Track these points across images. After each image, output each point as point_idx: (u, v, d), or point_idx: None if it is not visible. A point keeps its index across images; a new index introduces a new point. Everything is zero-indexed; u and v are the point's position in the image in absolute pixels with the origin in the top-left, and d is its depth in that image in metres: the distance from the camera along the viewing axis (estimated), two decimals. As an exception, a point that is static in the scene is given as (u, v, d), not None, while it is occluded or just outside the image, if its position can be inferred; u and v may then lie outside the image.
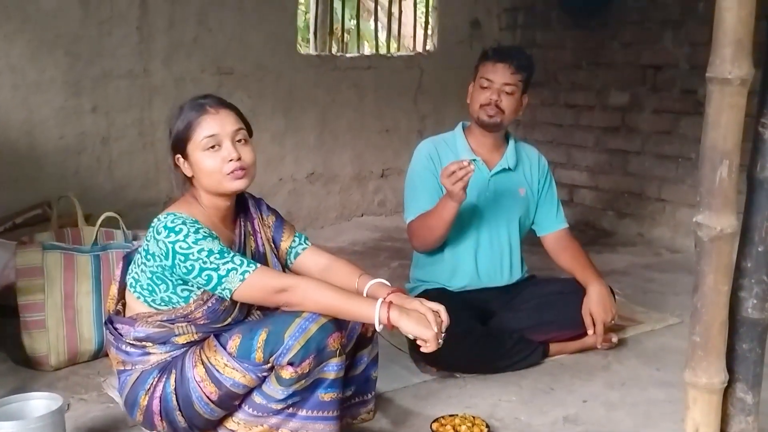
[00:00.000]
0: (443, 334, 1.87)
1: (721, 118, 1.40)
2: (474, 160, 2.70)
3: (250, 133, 1.99)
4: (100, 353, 2.61)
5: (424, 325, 1.84)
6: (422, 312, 1.86)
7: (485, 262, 2.75)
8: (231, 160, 1.90)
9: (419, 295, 2.63)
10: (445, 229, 2.55)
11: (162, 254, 1.86)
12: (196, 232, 1.85)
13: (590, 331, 2.63)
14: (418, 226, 2.62)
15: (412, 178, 2.73)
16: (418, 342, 1.87)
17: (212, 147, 1.90)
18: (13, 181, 3.47)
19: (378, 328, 1.86)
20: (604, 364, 2.66)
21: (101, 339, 2.58)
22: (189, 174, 1.96)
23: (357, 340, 2.06)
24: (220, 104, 1.96)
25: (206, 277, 1.84)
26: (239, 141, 1.94)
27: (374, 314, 1.83)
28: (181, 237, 1.84)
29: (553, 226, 2.83)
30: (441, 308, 1.90)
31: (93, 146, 3.74)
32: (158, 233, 1.87)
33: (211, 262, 1.83)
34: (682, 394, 1.55)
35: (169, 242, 1.84)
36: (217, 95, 2.03)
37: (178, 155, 1.95)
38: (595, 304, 2.61)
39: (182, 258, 1.84)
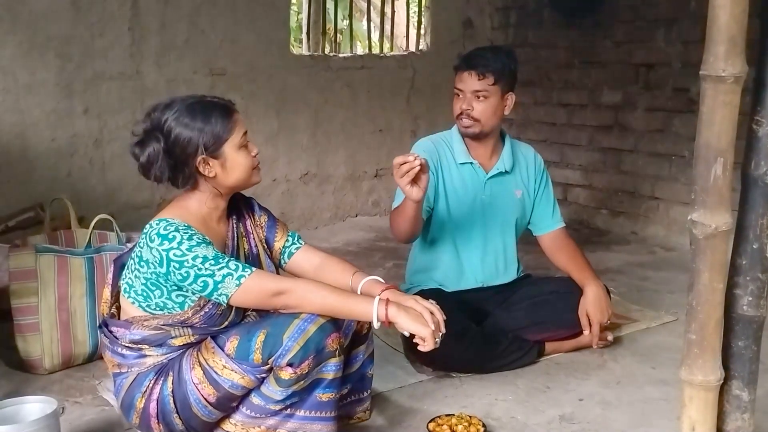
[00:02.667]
0: (441, 334, 1.87)
1: (715, 116, 1.40)
2: (470, 163, 2.69)
3: None
4: (95, 356, 2.60)
5: (421, 322, 1.84)
6: (419, 310, 1.87)
7: (480, 263, 2.75)
8: (256, 155, 1.98)
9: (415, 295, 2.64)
10: (409, 226, 2.43)
11: (156, 262, 1.85)
12: (190, 238, 1.84)
13: (586, 332, 2.64)
14: (392, 218, 2.54)
15: None
16: (416, 340, 1.87)
17: (245, 145, 1.95)
18: (5, 184, 3.46)
19: (376, 325, 1.86)
20: (599, 363, 2.66)
21: (95, 342, 2.57)
22: (212, 174, 1.92)
23: (352, 338, 2.07)
24: (231, 103, 2.00)
25: (202, 284, 1.83)
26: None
27: (372, 312, 1.83)
28: (174, 244, 1.83)
29: (549, 226, 2.83)
30: (435, 308, 1.90)
31: (85, 148, 3.72)
32: (151, 240, 1.86)
33: (206, 269, 1.82)
34: (678, 392, 1.55)
35: (163, 250, 1.83)
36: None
37: (204, 156, 1.89)
38: (592, 304, 2.61)
39: (177, 265, 1.83)
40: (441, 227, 2.69)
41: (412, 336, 1.87)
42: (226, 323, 1.94)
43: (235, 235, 2.07)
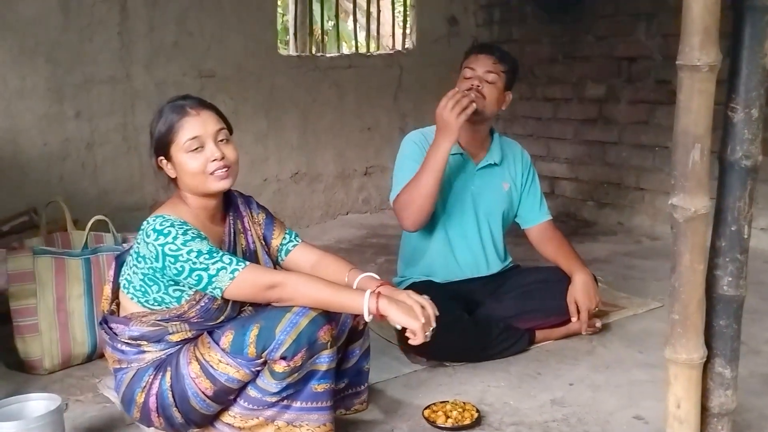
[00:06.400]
0: (431, 328, 1.92)
1: (691, 104, 1.46)
2: (460, 154, 2.75)
3: (230, 131, 2.03)
4: (94, 355, 2.63)
5: (412, 316, 1.89)
6: (410, 304, 1.92)
7: (469, 254, 2.80)
8: (215, 160, 1.94)
9: (406, 288, 2.69)
10: (435, 185, 2.51)
11: (152, 257, 1.90)
12: (185, 233, 1.89)
13: (574, 319, 2.70)
14: (406, 194, 2.58)
15: (401, 162, 2.73)
16: (407, 334, 1.92)
17: (195, 149, 1.94)
18: (-2, 189, 3.49)
19: (367, 318, 1.91)
20: (588, 349, 2.72)
21: (94, 341, 2.61)
22: (173, 175, 2.00)
23: (348, 334, 2.11)
24: (201, 105, 1.99)
25: (197, 278, 1.88)
26: (221, 140, 1.97)
27: (363, 305, 1.88)
28: (170, 239, 1.88)
29: (536, 219, 2.88)
30: (428, 303, 1.95)
31: (77, 152, 3.75)
32: (148, 236, 1.91)
33: (200, 263, 1.87)
34: (664, 375, 1.61)
35: (159, 245, 1.88)
36: (197, 95, 2.06)
37: (161, 157, 1.99)
38: (580, 292, 2.67)
39: (172, 260, 1.87)
40: (432, 218, 2.74)
41: (404, 329, 1.92)
42: (222, 317, 1.99)
43: (232, 231, 2.11)
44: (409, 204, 2.57)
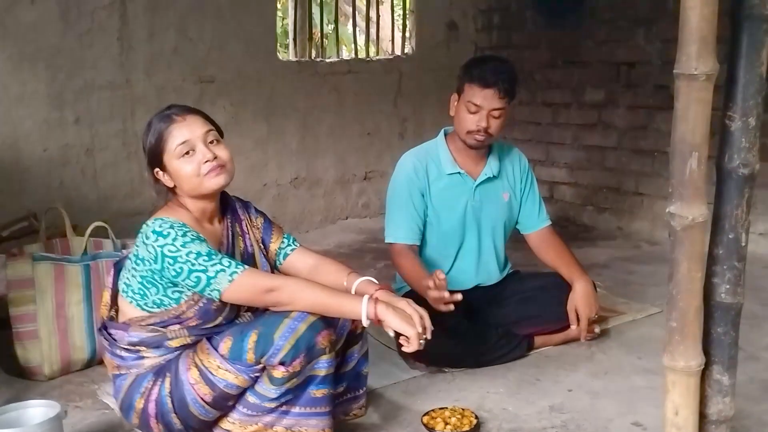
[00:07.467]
0: (425, 338, 1.92)
1: (689, 112, 1.46)
2: (458, 173, 2.74)
3: (220, 133, 2.04)
4: (93, 361, 2.64)
5: (409, 323, 1.90)
6: (409, 312, 1.93)
7: (470, 265, 2.81)
8: (207, 161, 1.95)
9: (405, 295, 2.69)
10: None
11: (151, 258, 1.91)
12: (184, 235, 1.90)
13: (574, 326, 2.70)
14: (398, 264, 2.67)
15: (394, 195, 2.74)
16: (401, 340, 1.93)
17: (187, 153, 1.95)
18: (-2, 195, 3.49)
19: (365, 323, 1.92)
20: (587, 355, 2.73)
21: (93, 347, 2.61)
22: (170, 185, 2.01)
23: (347, 337, 2.12)
24: (186, 111, 2.01)
25: (195, 279, 1.88)
26: (211, 142, 1.99)
27: (361, 310, 1.89)
28: (169, 240, 1.89)
29: (536, 225, 2.88)
30: (425, 314, 1.95)
31: (77, 158, 3.76)
32: (147, 238, 1.92)
33: (199, 264, 1.88)
34: (662, 381, 1.61)
35: (158, 246, 1.89)
36: (188, 103, 2.08)
37: (157, 169, 2.00)
38: (580, 300, 2.67)
39: (171, 261, 1.88)
40: (433, 235, 2.75)
41: (398, 335, 1.93)
42: (221, 319, 1.99)
43: (231, 234, 2.12)
44: (398, 270, 2.72)
